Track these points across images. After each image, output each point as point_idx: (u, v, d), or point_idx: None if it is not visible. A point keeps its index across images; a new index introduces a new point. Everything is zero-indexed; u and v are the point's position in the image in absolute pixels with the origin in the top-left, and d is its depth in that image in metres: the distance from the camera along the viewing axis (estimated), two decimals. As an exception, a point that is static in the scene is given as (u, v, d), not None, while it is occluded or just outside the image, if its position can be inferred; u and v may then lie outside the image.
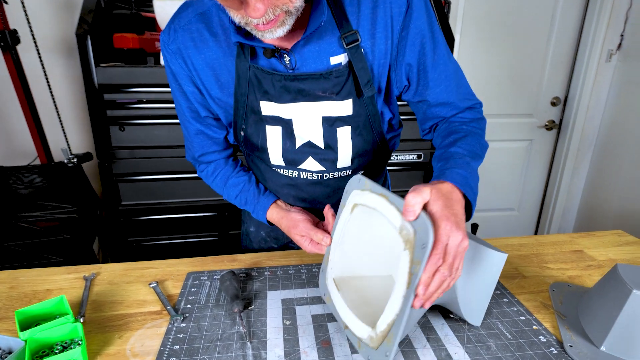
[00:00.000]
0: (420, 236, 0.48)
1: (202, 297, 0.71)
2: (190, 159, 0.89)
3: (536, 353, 0.58)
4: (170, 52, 0.72)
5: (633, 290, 0.56)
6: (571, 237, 0.95)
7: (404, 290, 0.50)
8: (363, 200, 0.60)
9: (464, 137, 0.70)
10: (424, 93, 0.74)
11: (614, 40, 2.03)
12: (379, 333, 0.52)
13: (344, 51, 0.69)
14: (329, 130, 0.73)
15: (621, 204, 2.05)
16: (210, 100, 0.75)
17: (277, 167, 0.80)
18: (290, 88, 0.69)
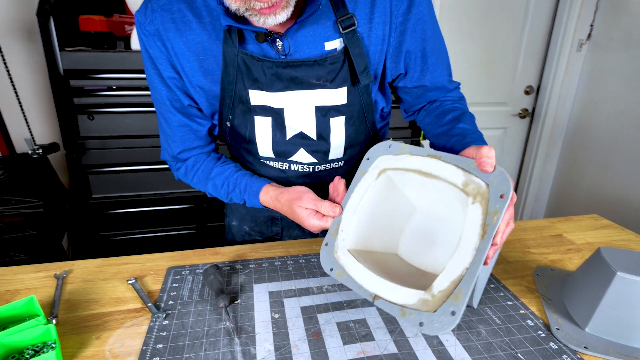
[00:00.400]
0: (497, 187, 0.50)
1: (185, 292, 0.68)
2: (168, 158, 0.81)
3: (525, 337, 0.59)
4: (148, 34, 0.66)
5: (617, 272, 0.58)
6: (551, 221, 0.97)
7: (476, 242, 0.50)
8: (399, 164, 0.60)
9: (463, 115, 0.72)
10: (423, 79, 0.73)
11: (584, 30, 2.09)
12: (437, 294, 0.50)
13: (340, 36, 0.65)
14: (322, 121, 0.70)
15: (590, 188, 2.13)
16: (191, 88, 0.70)
17: (266, 159, 0.76)
18: (282, 76, 0.66)
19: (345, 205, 0.64)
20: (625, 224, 1.96)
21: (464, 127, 0.69)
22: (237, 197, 0.77)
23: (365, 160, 0.64)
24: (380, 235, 0.65)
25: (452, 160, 0.56)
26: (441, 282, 0.50)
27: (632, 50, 1.87)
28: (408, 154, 0.60)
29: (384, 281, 0.55)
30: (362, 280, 0.57)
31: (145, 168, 1.49)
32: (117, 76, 1.39)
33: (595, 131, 2.09)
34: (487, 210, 0.50)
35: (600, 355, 0.55)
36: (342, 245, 0.62)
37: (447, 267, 0.51)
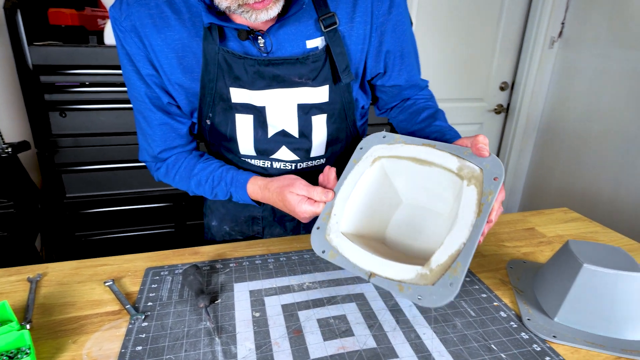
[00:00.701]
0: (490, 171, 0.56)
1: (164, 293, 0.67)
2: (147, 158, 0.80)
3: (498, 328, 0.61)
4: (124, 30, 0.64)
5: (584, 264, 0.60)
6: (523, 215, 1.00)
7: (473, 219, 0.54)
8: (393, 152, 0.64)
9: (437, 113, 0.76)
10: (400, 78, 0.75)
11: (555, 28, 2.15)
12: (435, 268, 0.53)
13: (321, 34, 0.66)
14: (304, 119, 0.71)
15: (561, 182, 2.21)
16: (170, 86, 0.69)
17: (247, 157, 0.76)
18: (264, 74, 0.66)
19: (338, 191, 0.67)
20: (593, 215, 2.05)
21: (441, 124, 0.72)
22: (223, 191, 0.75)
23: (359, 149, 0.67)
24: (370, 221, 0.68)
25: (446, 148, 0.61)
26: (439, 257, 0.53)
27: (600, 48, 1.94)
28: (402, 143, 0.64)
29: (380, 259, 0.58)
30: (356, 260, 0.60)
31: (121, 166, 1.46)
32: (90, 72, 1.36)
33: (566, 127, 2.16)
34: (482, 191, 0.55)
35: (567, 344, 0.58)
36: (335, 228, 0.64)
37: (444, 243, 0.54)
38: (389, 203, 0.70)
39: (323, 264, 0.75)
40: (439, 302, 0.51)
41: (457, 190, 0.60)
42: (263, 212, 0.88)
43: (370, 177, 0.66)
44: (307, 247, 0.80)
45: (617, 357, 0.56)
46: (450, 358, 0.55)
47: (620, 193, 1.88)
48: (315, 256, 0.77)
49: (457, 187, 0.60)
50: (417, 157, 0.63)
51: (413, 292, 0.53)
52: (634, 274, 0.58)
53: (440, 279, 0.52)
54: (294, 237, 0.86)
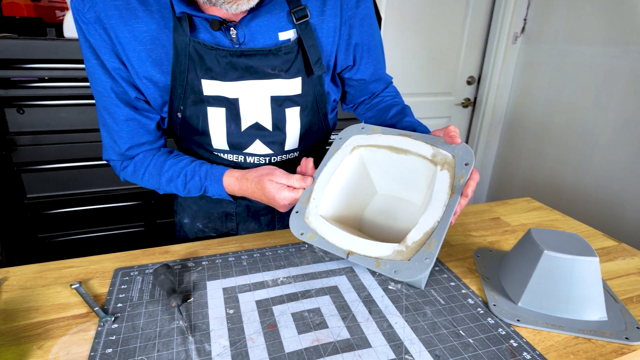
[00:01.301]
0: (462, 157, 0.61)
1: (134, 294, 0.66)
2: (113, 156, 0.76)
3: (466, 315, 0.64)
4: (87, 22, 0.62)
5: (544, 250, 0.64)
6: (489, 206, 1.04)
7: (446, 200, 0.59)
8: (371, 142, 0.68)
9: (405, 109, 0.79)
10: (365, 71, 0.77)
11: (518, 24, 2.22)
12: (411, 244, 0.57)
13: (293, 27, 0.66)
14: (277, 111, 0.71)
15: (526, 172, 2.31)
16: (138, 80, 0.66)
17: (220, 151, 0.75)
18: (237, 65, 0.65)
19: (318, 177, 0.69)
20: (556, 203, 2.15)
21: (411, 120, 0.75)
22: (196, 186, 0.74)
23: (338, 139, 0.71)
24: (348, 208, 0.71)
25: (421, 137, 0.66)
26: (415, 235, 0.57)
27: (560, 43, 2.02)
28: (380, 133, 0.69)
29: (358, 238, 0.61)
30: (334, 240, 0.63)
31: (85, 164, 1.41)
32: (49, 66, 1.29)
33: (529, 119, 2.25)
34: (454, 175, 0.60)
35: (530, 327, 0.61)
36: (314, 211, 0.67)
37: (419, 222, 0.58)
38: (365, 192, 0.73)
39: (297, 258, 0.75)
40: (414, 276, 0.53)
41: (431, 176, 0.64)
42: (237, 209, 0.88)
43: (349, 165, 0.70)
44: (281, 242, 0.80)
45: (575, 336, 0.60)
46: (421, 345, 0.57)
47: (580, 182, 1.98)
48: (289, 251, 0.77)
49: (431, 172, 0.64)
50: (394, 145, 0.67)
51: (390, 267, 0.56)
52: (590, 259, 0.62)
53: (416, 255, 0.55)
54: (267, 233, 0.86)
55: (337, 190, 0.69)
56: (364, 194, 0.72)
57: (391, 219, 0.69)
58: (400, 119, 0.76)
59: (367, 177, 0.71)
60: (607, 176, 1.84)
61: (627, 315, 0.64)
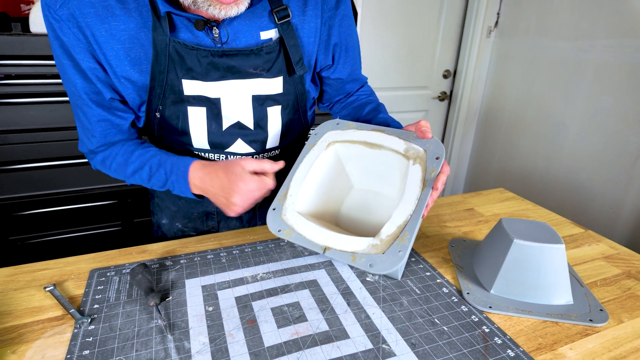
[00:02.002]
0: (433, 151, 0.63)
1: (111, 294, 0.65)
2: (85, 151, 0.76)
3: (441, 303, 0.66)
4: (60, 19, 0.59)
5: (514, 239, 0.66)
6: (464, 197, 1.07)
7: (418, 193, 0.60)
8: (346, 137, 0.69)
9: (379, 106, 0.81)
10: (343, 71, 0.79)
11: (492, 18, 2.27)
12: (385, 238, 0.58)
13: (275, 26, 0.67)
14: (259, 110, 0.71)
15: (500, 163, 2.37)
16: (116, 80, 0.65)
17: (201, 151, 0.74)
18: (218, 65, 0.65)
19: (294, 173, 0.70)
20: (529, 192, 2.22)
21: (385, 116, 0.77)
22: (161, 179, 0.71)
23: (314, 135, 0.72)
24: (325, 203, 0.72)
25: (394, 132, 0.67)
26: (388, 228, 0.59)
27: (531, 37, 2.08)
28: (354, 129, 0.70)
29: (334, 233, 0.62)
30: (311, 236, 0.63)
31: (58, 164, 1.37)
32: (16, 62, 1.25)
33: (503, 112, 2.31)
34: (425, 168, 0.62)
35: (501, 312, 0.64)
36: (291, 208, 0.67)
37: (393, 216, 0.60)
38: (341, 186, 0.74)
39: (277, 254, 0.76)
40: (388, 269, 0.55)
41: (404, 170, 0.65)
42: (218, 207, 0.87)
43: (325, 160, 0.70)
44: (261, 238, 0.81)
45: (543, 320, 0.63)
46: (397, 334, 0.59)
47: (551, 172, 2.05)
48: (268, 247, 0.77)
49: (404, 166, 0.65)
50: (368, 141, 0.68)
51: (365, 260, 0.57)
52: (556, 246, 0.65)
53: (390, 248, 0.56)
54: (247, 229, 0.86)
55: (313, 185, 0.69)
56: (340, 188, 0.74)
57: (367, 213, 0.71)
58: (375, 116, 0.77)
59: (343, 172, 0.72)
60: (575, 166, 1.92)
61: (591, 299, 0.67)
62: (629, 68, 1.65)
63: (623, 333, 0.60)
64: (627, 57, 1.65)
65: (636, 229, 1.71)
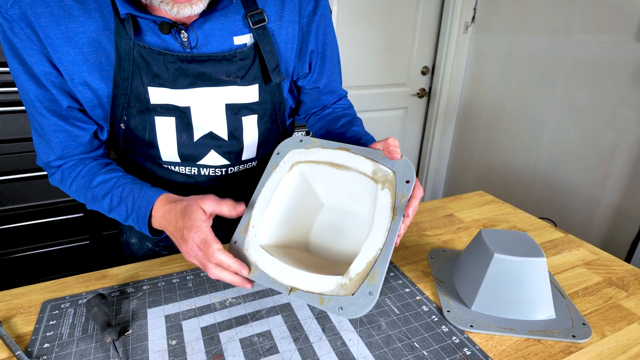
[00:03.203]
0: (403, 174, 0.57)
1: (65, 330, 0.60)
2: (42, 164, 0.69)
3: (420, 324, 0.62)
4: (10, 19, 0.54)
5: (495, 254, 0.63)
6: (443, 202, 1.04)
7: (388, 223, 0.54)
8: (311, 157, 0.62)
9: (354, 119, 0.77)
10: (320, 80, 0.76)
11: (469, 14, 2.25)
12: (354, 276, 0.52)
13: (250, 31, 0.61)
14: (233, 119, 0.65)
15: (479, 162, 2.37)
16: (72, 86, 0.59)
17: (171, 164, 0.68)
18: (187, 71, 0.59)
19: (256, 200, 0.63)
20: (507, 191, 2.22)
21: (358, 130, 0.73)
22: (120, 215, 0.65)
23: (276, 154, 0.65)
24: (292, 230, 0.65)
25: (361, 151, 0.61)
26: (357, 265, 0.53)
27: (507, 33, 2.07)
28: (319, 147, 0.63)
29: (300, 272, 0.55)
30: (276, 275, 0.56)
31: (16, 177, 1.28)
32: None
33: (482, 108, 2.30)
34: (395, 194, 0.56)
35: (482, 332, 0.61)
36: (253, 241, 0.60)
37: (362, 250, 0.54)
38: (310, 207, 0.69)
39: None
40: (359, 312, 0.50)
41: (373, 194, 0.60)
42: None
43: (289, 183, 0.64)
44: (230, 257, 0.76)
45: (526, 338, 0.60)
46: (375, 363, 0.55)
47: (530, 169, 2.05)
48: (238, 267, 0.73)
49: (373, 190, 0.60)
50: (334, 161, 0.62)
51: (334, 303, 0.52)
52: (537, 259, 0.62)
53: (360, 288, 0.51)
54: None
55: (278, 213, 0.63)
56: (309, 208, 0.68)
57: (339, 234, 0.66)
58: (348, 129, 0.73)
59: (311, 191, 0.67)
60: (553, 162, 1.92)
61: (573, 311, 0.65)
62: (603, 63, 1.66)
63: (606, 349, 0.58)
64: (601, 53, 1.66)
65: (613, 223, 1.73)
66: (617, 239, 1.72)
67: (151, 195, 0.62)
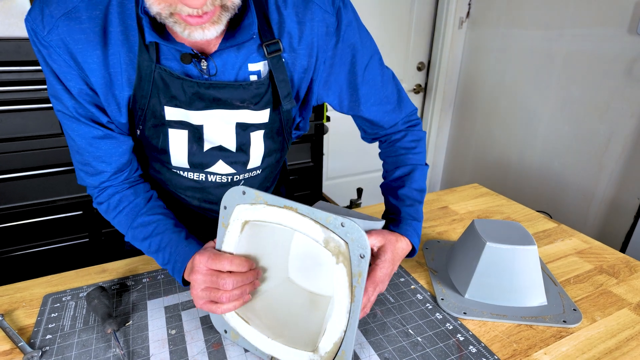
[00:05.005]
0: (356, 246, 0.48)
1: (66, 322, 0.61)
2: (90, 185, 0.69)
3: (415, 311, 0.64)
4: (49, 46, 0.56)
5: (487, 242, 0.65)
6: (438, 194, 1.06)
7: (348, 305, 0.49)
8: (257, 216, 0.54)
9: (412, 173, 0.73)
10: (357, 109, 0.73)
11: (463, 9, 2.26)
12: (325, 355, 0.51)
13: (264, 59, 0.62)
14: (242, 135, 0.67)
15: (475, 155, 2.38)
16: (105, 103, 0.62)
17: (179, 169, 0.69)
18: (204, 96, 0.61)
19: None
20: (505, 184, 2.24)
21: (406, 194, 0.71)
22: (159, 261, 0.65)
23: (223, 209, 0.58)
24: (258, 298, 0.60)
25: (308, 213, 0.51)
26: (325, 344, 0.51)
27: (502, 27, 2.08)
28: (264, 204, 0.54)
29: (276, 343, 0.54)
30: (256, 342, 0.55)
31: (16, 176, 1.29)
32: (-38, 70, 1.16)
33: (478, 103, 2.32)
34: (351, 271, 0.49)
35: (476, 318, 0.62)
36: None
37: (327, 329, 0.51)
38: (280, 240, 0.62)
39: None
40: None
41: (329, 265, 0.55)
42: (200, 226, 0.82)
43: (245, 241, 0.57)
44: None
45: (518, 324, 0.62)
46: (370, 349, 0.57)
47: (525, 161, 2.07)
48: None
49: (328, 260, 0.55)
50: (282, 222, 0.53)
51: None
52: (529, 248, 0.64)
53: None
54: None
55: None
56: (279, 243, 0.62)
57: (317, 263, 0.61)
58: (397, 190, 0.72)
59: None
60: (549, 155, 1.94)
61: (564, 298, 0.67)
62: (597, 57, 1.67)
63: (596, 333, 0.60)
64: (594, 46, 1.67)
65: (607, 215, 1.75)
66: (612, 230, 1.73)
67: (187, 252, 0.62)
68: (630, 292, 0.69)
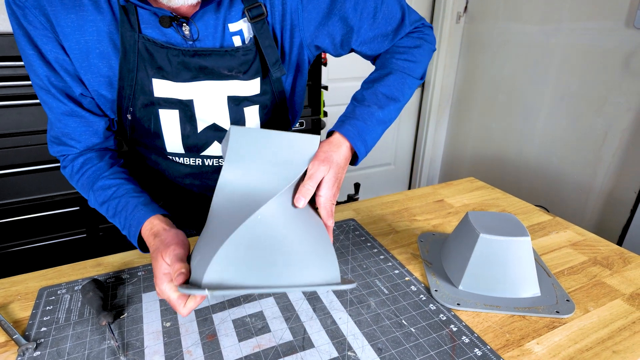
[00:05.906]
0: None
1: (61, 315, 0.61)
2: (55, 153, 0.69)
3: (409, 303, 0.64)
4: (24, 6, 0.55)
5: (480, 234, 0.65)
6: (434, 188, 1.06)
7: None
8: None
9: (386, 77, 0.67)
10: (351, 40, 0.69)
11: (461, 4, 2.26)
12: None
13: (243, 17, 0.61)
14: (235, 111, 0.65)
15: (473, 150, 2.38)
16: (82, 73, 0.60)
17: (176, 155, 0.68)
18: (189, 65, 0.60)
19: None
20: (501, 177, 2.24)
21: (364, 96, 0.66)
22: (118, 225, 0.64)
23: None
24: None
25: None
26: None
27: (500, 22, 2.07)
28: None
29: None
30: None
31: (12, 172, 1.29)
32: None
33: (476, 97, 2.31)
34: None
35: (469, 309, 0.63)
36: None
37: None
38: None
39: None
40: None
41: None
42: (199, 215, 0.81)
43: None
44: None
45: (511, 315, 0.62)
46: (364, 339, 0.57)
47: (523, 156, 2.07)
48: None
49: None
50: None
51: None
52: (522, 239, 0.64)
53: None
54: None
55: None
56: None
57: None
58: (362, 91, 0.67)
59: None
60: (546, 149, 1.94)
61: (558, 289, 0.67)
62: (594, 50, 1.67)
63: (589, 323, 0.60)
64: (591, 40, 1.67)
65: (605, 209, 1.75)
66: (609, 224, 1.74)
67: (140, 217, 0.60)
68: (623, 283, 0.69)
